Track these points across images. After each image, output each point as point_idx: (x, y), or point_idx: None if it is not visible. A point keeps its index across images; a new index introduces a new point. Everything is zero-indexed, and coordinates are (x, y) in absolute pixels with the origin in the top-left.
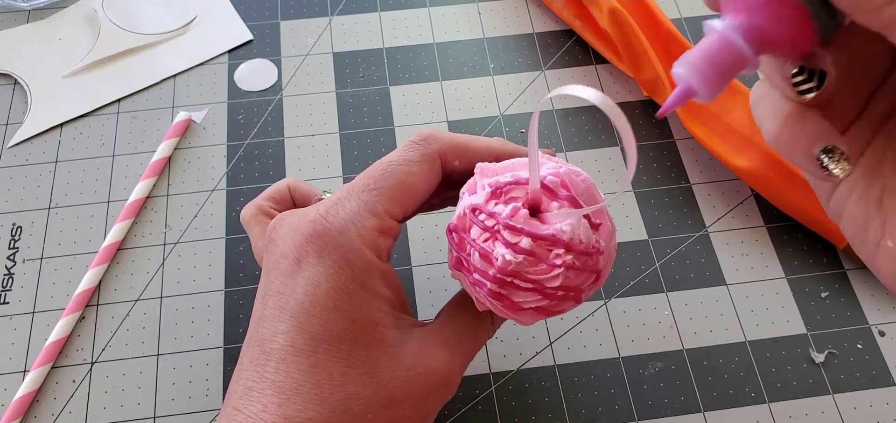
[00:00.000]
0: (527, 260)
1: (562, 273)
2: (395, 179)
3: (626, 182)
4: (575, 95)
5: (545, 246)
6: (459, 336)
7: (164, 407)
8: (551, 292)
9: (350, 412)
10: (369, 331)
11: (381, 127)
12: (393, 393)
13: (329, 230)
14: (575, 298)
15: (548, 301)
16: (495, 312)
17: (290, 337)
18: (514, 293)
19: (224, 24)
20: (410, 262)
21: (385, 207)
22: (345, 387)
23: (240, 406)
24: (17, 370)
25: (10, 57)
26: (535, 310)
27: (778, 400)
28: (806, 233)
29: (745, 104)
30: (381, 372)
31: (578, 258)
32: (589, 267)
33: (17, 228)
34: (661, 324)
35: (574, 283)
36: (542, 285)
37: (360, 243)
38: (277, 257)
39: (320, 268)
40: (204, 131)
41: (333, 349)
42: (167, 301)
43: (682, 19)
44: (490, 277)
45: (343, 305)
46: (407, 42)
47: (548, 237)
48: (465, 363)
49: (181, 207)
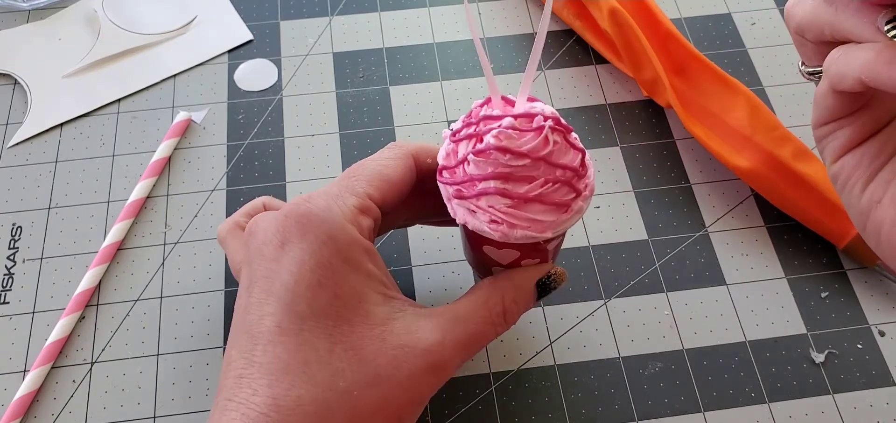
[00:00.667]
0: (514, 133)
1: (551, 138)
2: (371, 169)
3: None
4: None
5: (526, 122)
6: (454, 321)
7: (164, 407)
8: (548, 170)
9: (337, 388)
10: (354, 306)
11: (381, 127)
12: (378, 370)
13: (311, 210)
14: (569, 184)
15: (549, 186)
16: (509, 227)
17: (277, 318)
18: (518, 185)
19: (224, 24)
20: (410, 262)
21: (364, 190)
22: (331, 363)
23: (231, 395)
24: (17, 370)
25: (10, 57)
26: (541, 203)
27: (778, 400)
28: (806, 233)
29: (745, 104)
30: (366, 348)
31: (558, 129)
32: (574, 146)
33: (17, 228)
34: (661, 324)
35: (566, 160)
36: (536, 156)
37: (342, 219)
38: (260, 245)
39: (304, 246)
40: (204, 131)
41: (319, 326)
42: (167, 301)
43: (682, 19)
44: (491, 174)
45: (327, 280)
46: (407, 42)
47: (525, 114)
48: (460, 351)
49: (181, 207)
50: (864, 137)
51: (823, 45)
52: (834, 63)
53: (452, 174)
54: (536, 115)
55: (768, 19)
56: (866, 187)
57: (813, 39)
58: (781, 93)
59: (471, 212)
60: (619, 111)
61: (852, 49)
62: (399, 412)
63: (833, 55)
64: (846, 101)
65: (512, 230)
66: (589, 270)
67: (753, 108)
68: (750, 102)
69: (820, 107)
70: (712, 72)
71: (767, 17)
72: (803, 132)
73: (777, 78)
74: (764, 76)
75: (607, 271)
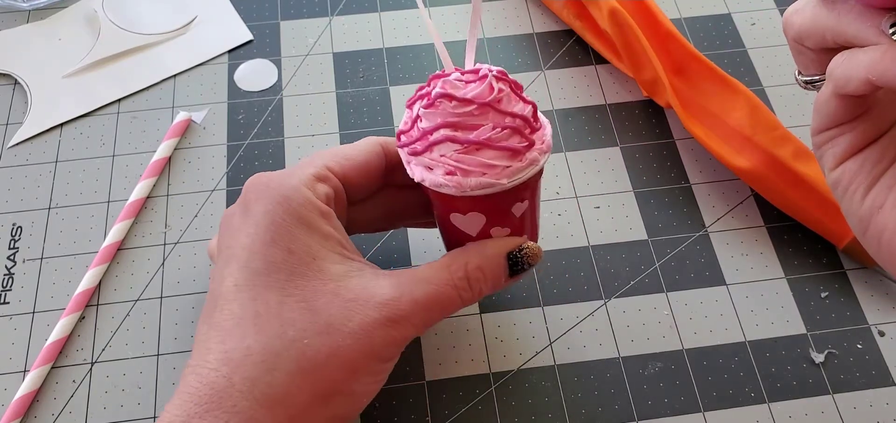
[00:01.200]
0: (459, 83)
1: (495, 85)
2: (333, 150)
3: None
4: None
5: (473, 75)
6: (414, 281)
7: (164, 407)
8: (497, 116)
9: (286, 337)
10: (307, 262)
11: (381, 127)
12: (330, 320)
13: (271, 178)
14: (520, 133)
15: (498, 130)
16: (463, 175)
17: (235, 277)
18: (467, 132)
19: (224, 24)
20: (410, 262)
21: (322, 161)
22: (281, 314)
23: (189, 361)
24: (17, 370)
25: (10, 57)
26: (492, 148)
27: (778, 400)
28: (806, 233)
29: (745, 104)
30: (318, 300)
31: (504, 80)
32: (523, 99)
33: (18, 228)
34: (661, 324)
35: (515, 109)
36: (481, 101)
37: (297, 182)
38: (227, 218)
39: (260, 208)
40: (204, 131)
41: (271, 280)
42: (167, 301)
43: (682, 19)
44: (440, 123)
45: (279, 238)
46: (407, 42)
47: (472, 70)
48: (418, 310)
49: (181, 207)
50: (866, 142)
51: (823, 53)
52: (838, 66)
53: (409, 137)
54: (481, 68)
55: (768, 19)
56: (867, 193)
57: (813, 46)
58: (781, 93)
59: (427, 168)
60: (619, 111)
61: (857, 51)
62: (353, 363)
63: (837, 59)
64: (849, 106)
65: (466, 178)
66: (589, 270)
67: (753, 108)
68: (750, 102)
69: (821, 113)
70: (712, 72)
71: (767, 17)
72: (803, 132)
73: (777, 78)
74: (764, 76)
75: (607, 271)
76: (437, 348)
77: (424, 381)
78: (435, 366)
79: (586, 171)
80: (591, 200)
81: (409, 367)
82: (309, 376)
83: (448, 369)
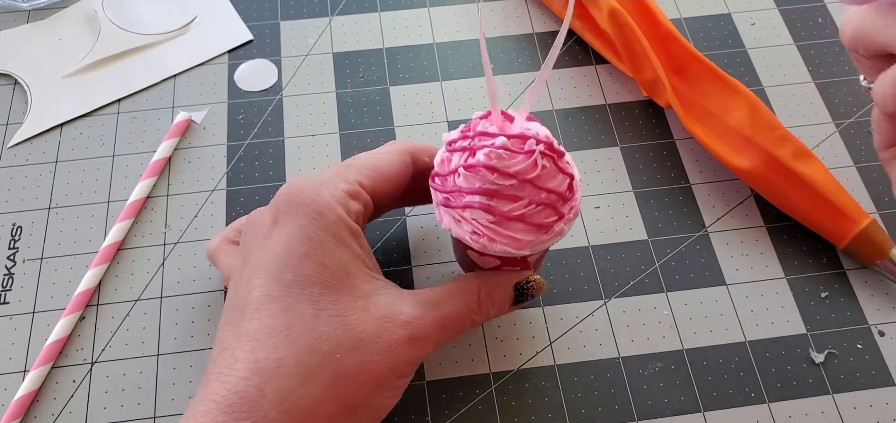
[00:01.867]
0: (504, 153)
1: (540, 162)
2: (365, 160)
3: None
4: None
5: (518, 143)
6: (433, 302)
7: (164, 407)
8: (534, 192)
9: (319, 351)
10: (340, 278)
11: (381, 127)
12: (361, 336)
13: (302, 189)
14: (553, 207)
15: (532, 207)
16: (489, 240)
17: (264, 288)
18: (502, 203)
19: (224, 24)
20: (410, 262)
21: (355, 177)
22: (315, 328)
23: (212, 368)
24: (17, 370)
25: (10, 57)
26: (522, 222)
27: (778, 400)
28: (806, 233)
29: (745, 104)
30: (350, 316)
31: (549, 154)
32: (563, 170)
33: (18, 228)
34: (661, 324)
35: (552, 185)
36: (523, 178)
37: (330, 199)
38: (254, 225)
39: (294, 221)
40: (204, 131)
41: (305, 293)
42: (167, 301)
43: (682, 19)
44: (477, 189)
45: (314, 252)
46: (407, 42)
47: (519, 135)
48: (437, 329)
49: (181, 207)
50: None
51: (879, 60)
52: (877, 84)
53: (444, 182)
54: (530, 138)
55: (768, 19)
56: None
57: (866, 53)
58: (781, 93)
59: (456, 221)
60: (619, 111)
61: (891, 68)
62: (379, 378)
63: (880, 77)
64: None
65: (491, 244)
66: (589, 270)
67: (753, 108)
68: (750, 102)
69: (876, 132)
70: (712, 72)
71: (767, 17)
72: (803, 132)
73: (777, 78)
74: (764, 76)
75: (607, 271)
76: None
77: (424, 381)
78: (435, 366)
79: (586, 171)
80: (591, 201)
81: None
82: (339, 389)
83: (448, 368)
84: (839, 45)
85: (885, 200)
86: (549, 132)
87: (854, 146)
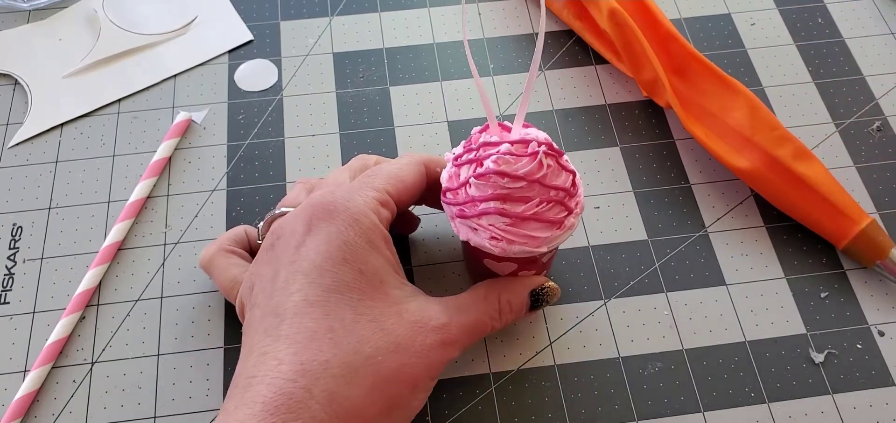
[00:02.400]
0: (510, 157)
1: (544, 161)
2: (388, 170)
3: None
4: None
5: (521, 147)
6: (459, 308)
7: (164, 407)
8: (543, 190)
9: (362, 353)
10: (375, 285)
11: (381, 127)
12: (398, 340)
13: (336, 199)
14: (562, 203)
15: (543, 205)
16: (508, 243)
17: (303, 293)
18: (515, 205)
19: (224, 24)
20: (411, 262)
21: (383, 185)
22: (356, 331)
23: (255, 372)
24: (17, 370)
25: (10, 57)
26: (537, 220)
27: (777, 400)
28: (805, 233)
29: (744, 104)
30: (386, 321)
31: (551, 153)
32: (565, 168)
33: (18, 228)
34: (661, 324)
35: (559, 182)
36: (531, 179)
37: (365, 207)
38: (286, 237)
39: (330, 228)
40: (204, 131)
41: (344, 298)
42: (167, 301)
43: (682, 19)
44: (490, 195)
45: (351, 258)
46: (407, 42)
47: (521, 140)
48: (463, 334)
49: (181, 207)
50: None
51: None
52: None
53: (455, 195)
54: (531, 141)
55: (768, 20)
56: None
57: None
58: (781, 93)
59: (473, 230)
60: (619, 111)
61: None
62: (415, 379)
63: None
64: None
65: (511, 246)
66: (589, 270)
67: (753, 108)
68: (749, 102)
69: None
70: (712, 72)
71: (767, 17)
72: (803, 132)
73: (777, 78)
74: (763, 76)
75: (607, 271)
76: None
77: None
78: None
79: (586, 171)
80: (591, 201)
81: None
82: (381, 391)
83: (448, 368)
84: (839, 45)
85: (885, 201)
86: (546, 134)
87: (854, 146)
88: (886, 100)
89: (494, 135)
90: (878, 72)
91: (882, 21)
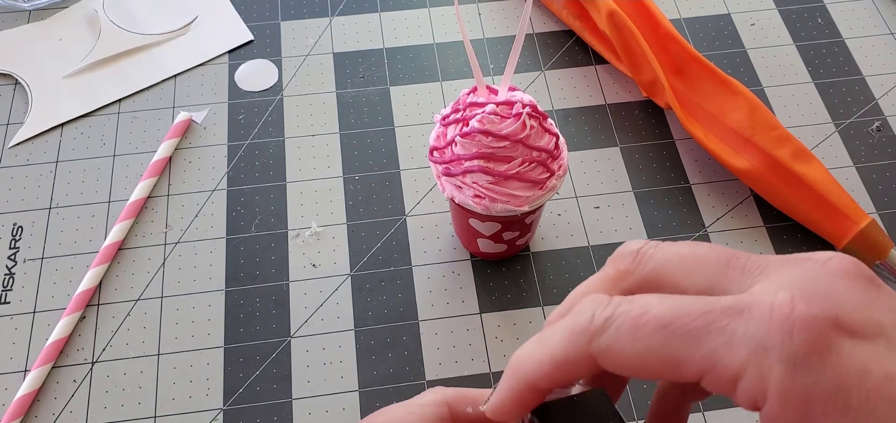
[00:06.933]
0: (495, 118)
1: (528, 122)
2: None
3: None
4: None
5: (506, 108)
6: None
7: (164, 407)
8: (526, 151)
9: None
10: None
11: (382, 127)
12: None
13: None
14: (544, 165)
15: (526, 165)
16: (491, 201)
17: None
18: (498, 164)
19: (224, 24)
20: (410, 262)
21: None
22: None
23: None
24: (17, 370)
25: (10, 57)
26: (519, 180)
27: None
28: (805, 233)
29: (744, 105)
30: None
31: (535, 115)
32: (549, 130)
33: (18, 228)
34: None
35: (541, 143)
36: (514, 138)
37: None
38: None
39: None
40: (204, 131)
41: None
42: (168, 301)
43: (682, 20)
44: (475, 154)
45: None
46: (407, 42)
47: (506, 101)
48: None
49: (182, 207)
50: None
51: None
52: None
53: (441, 154)
54: (516, 102)
55: (768, 20)
56: None
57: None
58: (781, 93)
59: (457, 188)
60: (619, 111)
61: None
62: None
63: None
64: None
65: (493, 204)
66: (589, 270)
67: (752, 108)
68: (749, 102)
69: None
70: (711, 72)
71: (767, 17)
72: (802, 132)
73: (776, 78)
74: (763, 76)
75: None
76: (437, 348)
77: (424, 380)
78: (435, 366)
79: (586, 171)
80: (591, 201)
81: (410, 367)
82: None
83: (448, 369)
84: (839, 45)
85: (884, 201)
86: (531, 97)
87: (854, 146)
88: (886, 100)
89: (481, 97)
90: (878, 72)
91: (882, 21)
